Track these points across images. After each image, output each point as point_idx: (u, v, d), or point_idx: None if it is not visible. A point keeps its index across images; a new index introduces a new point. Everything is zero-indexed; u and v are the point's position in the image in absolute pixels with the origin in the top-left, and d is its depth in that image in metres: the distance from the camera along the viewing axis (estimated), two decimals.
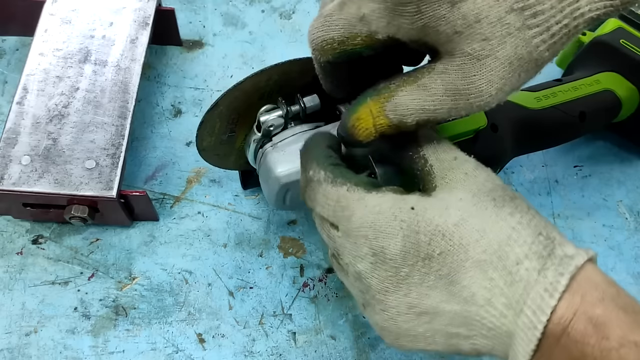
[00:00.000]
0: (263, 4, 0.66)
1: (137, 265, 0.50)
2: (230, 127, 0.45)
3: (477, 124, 0.45)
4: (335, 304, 0.50)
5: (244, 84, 0.42)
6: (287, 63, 0.42)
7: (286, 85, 0.44)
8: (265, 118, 0.43)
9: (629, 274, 0.53)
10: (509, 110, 0.48)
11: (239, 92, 0.42)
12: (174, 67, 0.60)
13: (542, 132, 0.50)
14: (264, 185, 0.45)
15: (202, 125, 0.43)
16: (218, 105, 0.42)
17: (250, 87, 0.42)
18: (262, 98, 0.44)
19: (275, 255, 0.52)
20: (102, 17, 0.54)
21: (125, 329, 0.47)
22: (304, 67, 0.43)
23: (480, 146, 0.45)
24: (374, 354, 0.48)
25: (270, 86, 0.43)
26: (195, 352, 0.47)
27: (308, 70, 0.43)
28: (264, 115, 0.43)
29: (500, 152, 0.47)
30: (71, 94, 0.50)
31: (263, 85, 0.43)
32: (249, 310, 0.49)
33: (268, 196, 0.45)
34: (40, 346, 0.46)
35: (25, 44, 0.60)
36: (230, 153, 0.48)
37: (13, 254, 0.50)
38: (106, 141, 0.48)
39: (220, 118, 0.44)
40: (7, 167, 0.46)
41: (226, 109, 0.43)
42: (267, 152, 0.44)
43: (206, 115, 0.43)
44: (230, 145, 0.47)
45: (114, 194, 0.46)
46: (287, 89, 0.44)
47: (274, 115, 0.44)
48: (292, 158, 0.42)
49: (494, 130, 0.46)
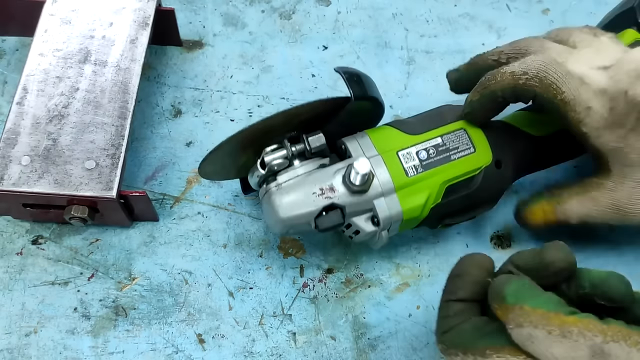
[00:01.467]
0: (263, 4, 0.66)
1: (137, 266, 0.50)
2: (234, 157, 0.45)
3: (483, 161, 0.45)
4: (335, 305, 0.50)
5: (248, 130, 0.41)
6: (294, 108, 0.42)
7: (291, 121, 0.43)
8: (269, 158, 0.43)
9: (629, 274, 0.52)
10: (514, 138, 0.48)
11: (242, 136, 0.42)
12: (174, 68, 0.60)
13: (544, 157, 0.50)
14: (267, 219, 0.45)
15: (205, 162, 0.43)
16: (222, 146, 0.42)
17: (255, 130, 0.42)
18: (267, 133, 0.44)
19: (275, 255, 0.52)
20: (102, 17, 0.54)
21: (125, 330, 0.47)
22: (310, 107, 0.42)
23: (484, 183, 0.45)
24: (374, 354, 0.48)
25: (276, 125, 0.43)
26: (195, 353, 0.47)
27: (314, 109, 0.43)
28: (269, 155, 0.43)
29: (502, 186, 0.47)
30: (71, 94, 0.50)
31: (268, 130, 0.43)
32: (249, 311, 0.49)
33: (270, 229, 0.46)
34: (40, 346, 0.46)
35: (25, 44, 0.60)
36: (231, 171, 0.48)
37: (13, 255, 0.50)
38: (106, 141, 0.48)
39: (223, 154, 0.44)
40: (7, 168, 0.46)
41: (230, 148, 0.43)
42: (272, 192, 0.43)
43: (209, 155, 0.43)
44: (232, 166, 0.47)
45: (113, 194, 0.46)
46: (292, 123, 0.44)
47: (278, 156, 0.44)
48: (296, 203, 0.42)
49: (498, 167, 0.46)
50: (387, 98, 0.57)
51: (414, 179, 0.43)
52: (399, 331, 0.49)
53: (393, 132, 0.45)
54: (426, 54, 0.64)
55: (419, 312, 0.50)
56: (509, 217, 0.55)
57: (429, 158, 0.44)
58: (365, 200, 0.43)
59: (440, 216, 0.46)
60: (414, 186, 0.43)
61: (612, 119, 0.41)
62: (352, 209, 0.43)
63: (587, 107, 0.41)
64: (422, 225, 0.47)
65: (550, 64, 0.42)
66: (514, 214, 0.49)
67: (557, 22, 0.67)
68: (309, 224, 0.43)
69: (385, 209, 0.43)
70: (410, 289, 0.51)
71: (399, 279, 0.51)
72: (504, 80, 0.43)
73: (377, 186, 0.43)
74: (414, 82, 0.62)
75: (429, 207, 0.44)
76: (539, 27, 0.67)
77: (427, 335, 0.49)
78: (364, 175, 0.41)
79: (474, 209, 0.47)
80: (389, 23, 0.66)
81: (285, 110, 0.41)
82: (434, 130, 0.45)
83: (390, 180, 0.43)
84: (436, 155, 0.44)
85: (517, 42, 0.47)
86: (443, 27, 0.66)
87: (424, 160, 0.44)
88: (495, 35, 0.66)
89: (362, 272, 0.51)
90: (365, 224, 0.44)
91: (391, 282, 0.51)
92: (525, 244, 0.53)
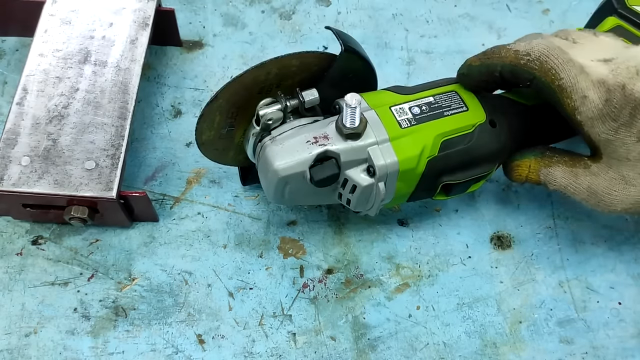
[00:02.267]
0: (263, 5, 0.66)
1: (136, 266, 0.50)
2: (230, 122, 0.45)
3: (476, 119, 0.46)
4: (335, 305, 0.50)
5: (243, 77, 0.42)
6: (287, 57, 0.43)
7: (285, 79, 0.44)
8: (264, 111, 0.43)
9: (629, 274, 0.53)
10: (507, 107, 0.48)
11: (239, 85, 0.42)
12: (174, 68, 0.60)
13: (541, 127, 0.50)
14: (262, 179, 0.45)
15: (201, 119, 0.43)
16: (218, 97, 0.42)
17: (249, 80, 0.43)
18: (262, 92, 0.44)
19: (275, 256, 0.51)
20: (102, 17, 0.54)
21: (125, 330, 0.47)
22: (303, 61, 0.43)
23: (479, 140, 0.45)
24: (374, 354, 0.48)
25: (270, 80, 0.44)
26: (195, 353, 0.47)
27: (307, 65, 0.44)
28: (263, 109, 0.44)
29: (498, 147, 0.47)
30: (71, 94, 0.50)
31: (262, 79, 0.43)
32: (249, 311, 0.49)
33: (267, 190, 0.45)
34: (39, 347, 0.46)
35: (25, 45, 0.60)
36: (229, 148, 0.48)
37: (13, 255, 0.50)
38: (106, 142, 0.48)
39: (219, 111, 0.44)
40: (7, 168, 0.46)
41: (226, 102, 0.43)
42: (266, 145, 0.44)
43: (206, 109, 0.43)
44: (229, 140, 0.47)
45: (113, 194, 0.46)
46: (286, 83, 0.45)
47: (273, 109, 0.44)
48: (290, 151, 0.42)
49: (493, 126, 0.46)
50: None
51: (407, 130, 0.44)
52: (399, 332, 0.49)
53: (386, 93, 0.46)
54: (426, 54, 0.64)
55: (419, 313, 0.50)
56: (509, 217, 0.55)
57: (422, 113, 0.45)
58: (359, 147, 0.43)
59: (437, 172, 0.46)
60: (408, 137, 0.44)
61: (606, 110, 0.41)
62: (347, 158, 0.43)
63: (584, 95, 0.41)
64: (421, 193, 0.47)
65: (554, 49, 0.42)
66: (503, 165, 0.49)
67: (557, 22, 0.67)
68: (305, 177, 0.43)
69: (380, 156, 0.43)
70: (410, 289, 0.51)
71: (399, 279, 0.51)
72: (507, 56, 0.44)
73: (371, 136, 0.43)
74: (414, 82, 0.61)
75: (425, 159, 0.44)
76: (539, 28, 0.67)
77: (427, 335, 0.49)
78: (354, 110, 0.41)
79: (473, 167, 0.47)
80: (389, 23, 0.66)
81: (277, 57, 0.42)
82: (427, 91, 0.46)
83: (384, 130, 0.43)
84: (429, 111, 0.45)
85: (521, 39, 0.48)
86: (443, 27, 0.66)
87: (417, 115, 0.45)
88: (495, 35, 0.66)
89: (362, 272, 0.51)
90: (361, 175, 0.44)
91: (391, 282, 0.51)
92: (525, 244, 0.53)
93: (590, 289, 0.52)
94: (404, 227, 0.54)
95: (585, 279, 0.52)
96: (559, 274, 0.52)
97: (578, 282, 0.52)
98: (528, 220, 0.55)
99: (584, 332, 0.50)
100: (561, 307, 0.51)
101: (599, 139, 0.43)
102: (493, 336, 0.49)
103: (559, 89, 0.42)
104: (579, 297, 0.51)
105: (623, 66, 0.41)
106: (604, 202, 0.44)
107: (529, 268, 0.52)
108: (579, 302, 0.51)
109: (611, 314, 0.51)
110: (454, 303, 0.50)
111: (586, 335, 0.50)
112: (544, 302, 0.51)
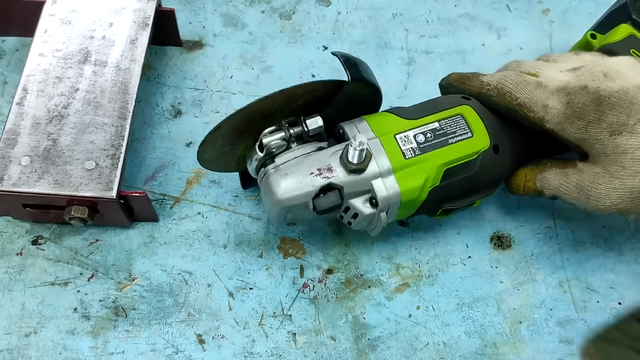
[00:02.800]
0: (263, 5, 0.66)
1: (136, 266, 0.50)
2: (232, 142, 0.45)
3: (480, 145, 0.45)
4: (335, 305, 0.50)
5: (248, 109, 0.41)
6: (292, 88, 0.42)
7: (289, 104, 0.44)
8: (267, 140, 0.43)
9: (629, 275, 0.53)
10: (511, 128, 0.48)
11: (243, 114, 0.42)
12: (174, 68, 0.60)
13: (543, 145, 0.50)
14: (265, 202, 0.45)
15: (203, 144, 0.43)
16: (220, 127, 0.42)
17: (255, 109, 0.42)
18: (265, 118, 0.44)
19: (275, 256, 0.51)
20: (101, 17, 0.54)
21: (125, 330, 0.47)
22: (308, 89, 0.43)
23: (482, 168, 0.45)
24: (374, 354, 0.48)
25: (274, 108, 0.43)
26: (195, 353, 0.47)
27: (312, 92, 0.43)
28: (267, 137, 0.44)
29: (501, 172, 0.47)
30: (71, 94, 0.50)
31: (267, 108, 0.43)
32: (249, 311, 0.49)
33: (269, 212, 0.46)
34: (39, 347, 0.46)
35: (25, 45, 0.60)
36: (231, 161, 0.48)
37: (13, 255, 0.50)
38: (106, 142, 0.48)
39: (222, 137, 0.44)
40: (7, 168, 0.46)
41: (228, 129, 0.43)
42: (270, 173, 0.44)
43: (208, 136, 0.42)
44: (231, 155, 0.47)
45: (113, 194, 0.46)
46: (290, 107, 0.44)
47: (277, 138, 0.44)
48: (294, 182, 0.42)
49: (496, 152, 0.46)
50: (387, 98, 0.57)
51: (411, 161, 0.44)
52: (399, 331, 0.49)
53: (391, 117, 0.46)
54: (426, 55, 0.64)
55: (419, 313, 0.50)
56: (508, 217, 0.55)
57: (427, 141, 0.45)
58: (363, 179, 0.43)
59: (439, 200, 0.46)
60: (411, 167, 0.44)
61: (570, 112, 0.44)
62: (350, 190, 0.43)
63: (544, 105, 0.45)
64: (421, 213, 0.47)
65: (510, 76, 0.47)
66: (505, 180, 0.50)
67: (557, 22, 0.67)
68: (307, 206, 0.43)
69: (383, 189, 0.43)
70: (410, 289, 0.51)
71: (399, 279, 0.51)
72: (474, 85, 0.49)
73: (375, 167, 0.43)
74: (414, 82, 0.62)
75: (427, 189, 0.44)
76: (539, 28, 0.67)
77: (427, 335, 0.49)
78: (361, 150, 0.41)
79: (473, 194, 0.47)
80: (389, 23, 0.66)
81: (282, 89, 0.41)
82: (432, 115, 0.46)
83: (388, 161, 0.43)
84: (434, 139, 0.45)
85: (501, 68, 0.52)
86: (443, 27, 0.66)
87: (422, 144, 0.44)
88: (495, 35, 0.66)
89: (362, 272, 0.51)
90: (364, 205, 0.44)
91: (391, 282, 0.51)
92: (525, 244, 0.53)
93: (590, 289, 0.52)
94: (404, 227, 0.54)
95: (585, 279, 0.52)
96: (559, 274, 0.52)
97: (578, 282, 0.52)
98: (528, 220, 0.55)
99: (584, 332, 0.50)
100: (561, 307, 0.51)
101: (574, 139, 0.45)
102: (493, 336, 0.49)
103: (518, 107, 0.46)
104: (579, 297, 0.51)
105: (588, 72, 0.45)
106: (592, 198, 0.45)
107: (529, 268, 0.52)
108: (579, 302, 0.51)
109: (611, 314, 0.51)
110: (454, 303, 0.50)
111: (586, 335, 0.50)
112: (544, 302, 0.51)
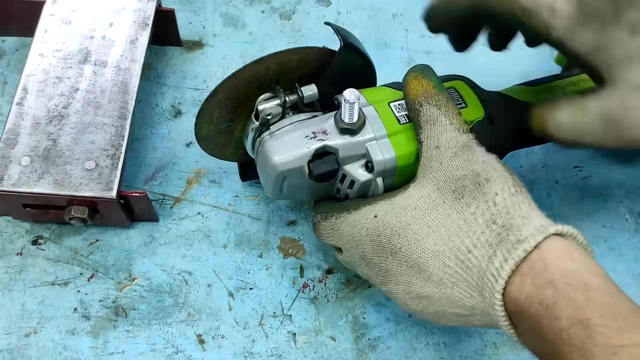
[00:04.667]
0: (263, 5, 0.66)
1: (136, 266, 0.50)
2: (229, 117, 0.45)
3: (474, 115, 0.46)
4: (335, 305, 0.50)
5: (242, 72, 0.42)
6: (286, 52, 0.43)
7: (285, 75, 0.44)
8: (263, 107, 0.44)
9: (629, 275, 0.53)
10: (506, 104, 0.48)
11: (238, 80, 0.43)
12: (174, 68, 0.60)
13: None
14: (261, 174, 0.45)
15: (200, 113, 0.43)
16: (217, 92, 0.43)
17: (249, 75, 0.43)
18: (261, 87, 0.44)
19: (275, 256, 0.51)
20: (101, 17, 0.54)
21: (125, 330, 0.47)
22: (302, 57, 0.44)
23: (477, 137, 0.45)
24: (374, 354, 0.48)
25: (269, 75, 0.44)
26: (195, 353, 0.47)
27: (306, 60, 0.44)
28: (262, 104, 0.44)
29: (497, 144, 0.47)
30: (71, 94, 0.50)
31: (262, 75, 0.43)
32: (249, 311, 0.49)
33: (265, 185, 0.45)
34: (40, 347, 0.46)
35: (25, 45, 0.60)
36: (228, 143, 0.48)
37: (13, 255, 0.50)
38: (106, 142, 0.48)
39: (218, 106, 0.44)
40: (7, 168, 0.46)
41: (225, 97, 0.43)
42: (265, 140, 0.44)
43: (204, 103, 0.43)
44: (228, 135, 0.47)
45: (113, 194, 0.46)
46: (286, 79, 0.45)
47: (272, 104, 0.44)
48: (289, 146, 0.43)
49: (491, 123, 0.46)
50: None
51: (406, 127, 0.44)
52: (399, 332, 0.49)
53: (386, 89, 0.47)
54: (426, 55, 0.64)
55: None
56: None
57: None
58: (358, 142, 0.43)
59: None
60: (407, 132, 0.44)
61: (582, 11, 0.36)
62: (346, 153, 0.43)
63: (551, 7, 0.37)
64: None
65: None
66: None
67: None
68: (303, 171, 0.43)
69: (379, 152, 0.43)
70: None
71: None
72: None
73: (369, 131, 0.43)
74: None
75: None
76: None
77: (427, 335, 0.49)
78: (352, 105, 0.41)
79: None
80: (389, 23, 0.66)
81: (276, 52, 0.42)
82: None
83: (383, 126, 0.43)
84: None
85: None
86: None
87: None
88: None
89: None
90: (360, 171, 0.44)
91: None
92: None
93: None
94: None
95: None
96: None
97: None
98: None
99: None
100: None
101: (588, 49, 0.37)
102: (493, 336, 0.49)
103: (522, 12, 0.37)
104: None
105: None
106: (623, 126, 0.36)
107: None
108: None
109: None
110: None
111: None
112: None
